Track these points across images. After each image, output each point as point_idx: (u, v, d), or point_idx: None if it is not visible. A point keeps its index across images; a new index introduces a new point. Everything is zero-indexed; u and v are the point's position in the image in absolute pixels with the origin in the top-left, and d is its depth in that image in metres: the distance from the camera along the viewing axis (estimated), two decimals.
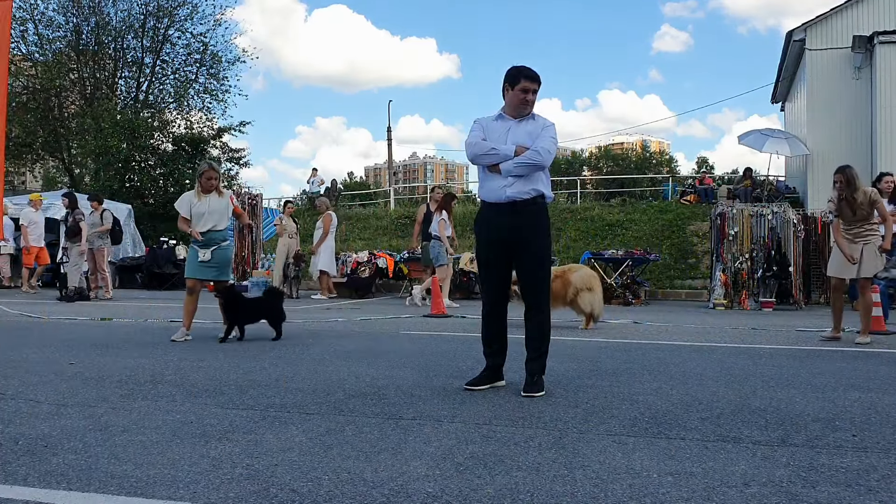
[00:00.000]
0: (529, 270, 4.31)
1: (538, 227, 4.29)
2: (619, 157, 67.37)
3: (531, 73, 4.29)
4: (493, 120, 4.39)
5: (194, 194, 6.87)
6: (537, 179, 4.26)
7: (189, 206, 6.83)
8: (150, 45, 25.90)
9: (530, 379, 4.20)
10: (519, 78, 4.26)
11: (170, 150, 24.00)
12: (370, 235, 19.80)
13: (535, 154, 4.19)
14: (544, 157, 4.20)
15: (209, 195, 6.81)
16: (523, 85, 4.25)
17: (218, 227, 6.80)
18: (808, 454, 2.92)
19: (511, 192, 4.23)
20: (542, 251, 4.32)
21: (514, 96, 4.28)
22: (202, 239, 6.72)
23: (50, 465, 2.72)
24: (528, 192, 4.24)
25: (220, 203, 6.84)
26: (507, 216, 4.25)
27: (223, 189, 7.00)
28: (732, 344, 6.74)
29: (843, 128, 17.67)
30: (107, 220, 13.15)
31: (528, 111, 4.33)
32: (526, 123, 4.33)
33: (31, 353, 5.79)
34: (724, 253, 12.42)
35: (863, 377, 4.85)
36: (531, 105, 4.32)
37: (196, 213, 6.78)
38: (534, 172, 4.24)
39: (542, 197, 4.29)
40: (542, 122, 4.33)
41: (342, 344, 6.49)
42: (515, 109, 4.32)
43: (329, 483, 2.52)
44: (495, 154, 4.24)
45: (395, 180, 45.28)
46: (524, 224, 4.25)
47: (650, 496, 2.40)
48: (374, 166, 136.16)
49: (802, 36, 18.23)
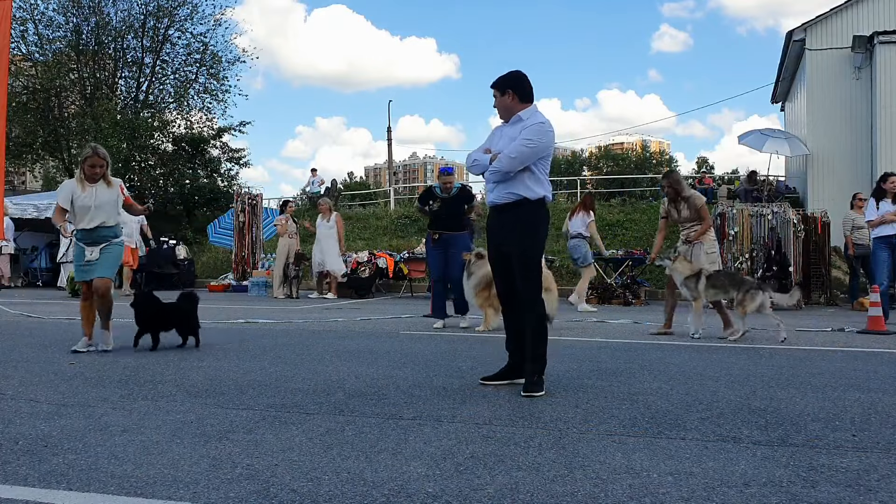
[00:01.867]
0: (516, 271, 4.37)
1: (520, 228, 4.33)
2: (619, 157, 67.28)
3: (493, 82, 4.45)
4: (500, 126, 4.55)
5: (76, 183, 5.94)
6: (518, 183, 4.31)
7: (70, 196, 5.88)
8: (150, 45, 25.88)
9: (529, 379, 4.21)
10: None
11: (170, 150, 24.00)
12: (370, 235, 19.79)
13: (497, 163, 4.30)
14: (505, 163, 4.26)
15: (95, 185, 5.90)
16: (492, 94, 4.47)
17: (108, 222, 5.95)
18: (808, 454, 2.92)
19: (492, 196, 4.46)
20: (526, 251, 4.34)
21: None
22: (71, 237, 5.99)
23: (50, 465, 2.72)
24: (508, 196, 4.35)
25: (108, 195, 5.94)
26: (494, 219, 4.51)
27: (112, 178, 6.06)
28: (732, 344, 6.74)
29: (843, 128, 17.67)
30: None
31: (502, 116, 4.49)
32: (511, 127, 4.42)
33: (31, 353, 5.80)
34: (724, 253, 12.42)
35: (863, 377, 4.85)
36: (498, 110, 4.48)
37: (81, 207, 5.88)
38: (503, 178, 4.32)
39: (525, 199, 4.31)
40: (524, 125, 4.34)
41: (342, 344, 6.49)
42: (500, 116, 4.53)
43: (329, 483, 2.52)
44: (477, 165, 4.46)
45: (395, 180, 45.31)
46: (506, 226, 4.38)
47: (650, 496, 2.40)
48: (374, 166, 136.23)
49: (802, 36, 18.23)
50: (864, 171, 16.99)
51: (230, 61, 26.42)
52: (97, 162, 5.91)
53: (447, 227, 8.14)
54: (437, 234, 8.14)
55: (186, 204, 23.43)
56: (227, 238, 17.48)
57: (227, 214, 17.82)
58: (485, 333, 7.43)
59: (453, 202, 8.21)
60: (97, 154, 5.93)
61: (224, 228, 17.59)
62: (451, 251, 8.05)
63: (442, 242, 8.10)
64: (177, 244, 17.86)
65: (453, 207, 8.19)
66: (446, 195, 8.22)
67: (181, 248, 17.83)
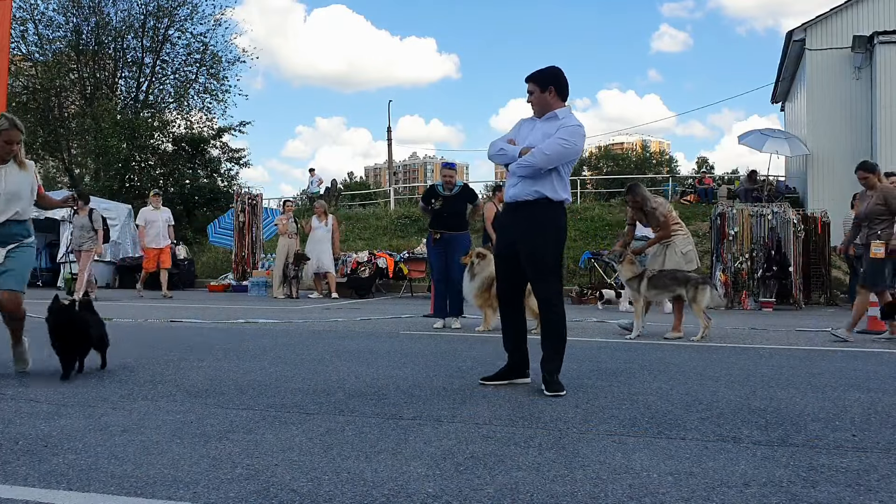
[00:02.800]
0: (531, 270, 4.33)
1: (536, 227, 4.28)
2: (619, 157, 67.27)
3: (530, 74, 4.37)
4: (528, 119, 4.49)
5: None
6: (543, 181, 4.25)
7: None
8: (150, 45, 25.92)
9: (549, 378, 4.18)
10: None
11: (170, 150, 24.01)
12: (370, 235, 19.79)
13: (530, 156, 4.20)
14: (538, 159, 4.17)
15: (4, 166, 4.61)
16: (527, 87, 4.37)
17: (21, 215, 4.68)
18: (808, 454, 2.92)
19: (514, 192, 4.33)
20: (537, 250, 4.29)
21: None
22: None
23: (50, 465, 2.72)
24: (530, 194, 4.25)
25: (22, 180, 4.66)
26: (511, 215, 4.41)
27: (26, 160, 4.75)
28: (732, 344, 6.74)
29: (843, 128, 17.68)
30: (97, 221, 12.30)
31: (536, 111, 4.40)
32: (546, 123, 4.33)
33: (32, 353, 5.79)
34: (724, 253, 12.43)
35: (863, 377, 4.85)
36: (533, 105, 4.38)
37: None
38: (533, 174, 4.22)
39: (547, 199, 4.27)
40: (561, 123, 4.28)
41: (342, 344, 6.49)
42: (532, 110, 4.43)
43: (329, 483, 2.52)
44: (503, 154, 4.36)
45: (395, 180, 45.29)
46: (524, 223, 4.29)
47: (650, 496, 2.40)
48: (374, 166, 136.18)
49: (802, 36, 18.24)
50: None
51: (230, 61, 26.51)
52: (14, 137, 4.58)
53: (448, 226, 8.10)
54: (439, 233, 8.09)
55: (186, 204, 23.44)
56: (227, 238, 17.49)
57: (227, 214, 17.83)
58: (485, 333, 7.43)
59: (455, 200, 8.16)
60: (16, 126, 4.60)
61: (224, 228, 17.60)
62: (452, 251, 8.03)
63: (443, 242, 8.07)
64: (177, 244, 17.86)
65: (455, 206, 8.16)
66: (448, 193, 8.16)
67: (181, 248, 17.84)
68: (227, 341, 6.63)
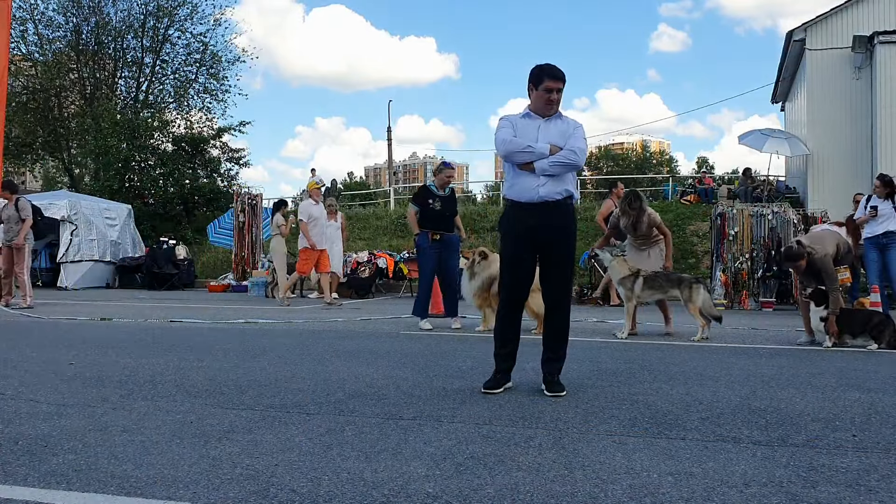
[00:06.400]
0: (555, 271, 4.30)
1: (567, 227, 4.28)
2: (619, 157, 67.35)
3: (555, 72, 4.20)
4: (521, 118, 4.33)
5: None
6: (568, 180, 4.25)
7: None
8: (150, 45, 25.93)
9: (551, 378, 4.20)
10: (542, 78, 4.19)
11: (170, 150, 24.01)
12: (370, 235, 19.79)
13: (570, 153, 4.17)
14: (580, 157, 4.21)
15: None
16: (547, 84, 4.17)
17: None
18: (808, 454, 2.92)
19: (543, 191, 4.19)
20: (569, 252, 4.33)
21: (539, 97, 4.21)
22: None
23: (50, 465, 2.72)
24: (560, 193, 4.21)
25: None
26: (537, 216, 4.21)
27: None
28: (732, 344, 6.73)
29: (843, 128, 17.68)
30: (25, 210, 10.83)
31: (553, 111, 4.28)
32: (556, 123, 4.28)
33: (31, 353, 5.79)
34: (724, 253, 12.42)
35: (863, 377, 4.85)
36: (556, 104, 4.26)
37: None
38: (568, 172, 4.23)
39: (572, 198, 4.29)
40: (573, 123, 4.30)
41: (342, 344, 6.49)
42: (541, 109, 4.27)
43: (329, 483, 2.52)
44: (531, 152, 4.18)
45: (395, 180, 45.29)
46: (554, 224, 4.23)
47: (650, 496, 2.40)
48: (374, 166, 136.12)
49: (802, 36, 18.23)
50: (864, 171, 16.98)
51: (230, 61, 26.52)
52: None
53: (447, 226, 8.09)
54: (438, 234, 8.05)
55: (186, 204, 23.44)
56: (226, 238, 17.48)
57: (227, 214, 17.82)
58: (484, 333, 7.42)
59: (450, 201, 8.16)
60: None
61: (224, 228, 17.60)
62: (449, 252, 8.02)
63: (441, 242, 8.03)
64: (176, 244, 17.87)
65: (451, 207, 8.14)
66: (443, 193, 8.12)
67: (181, 248, 17.84)
68: (227, 341, 6.63)
